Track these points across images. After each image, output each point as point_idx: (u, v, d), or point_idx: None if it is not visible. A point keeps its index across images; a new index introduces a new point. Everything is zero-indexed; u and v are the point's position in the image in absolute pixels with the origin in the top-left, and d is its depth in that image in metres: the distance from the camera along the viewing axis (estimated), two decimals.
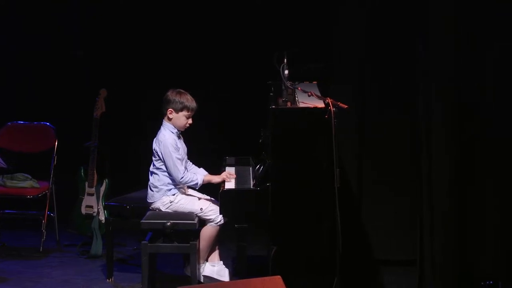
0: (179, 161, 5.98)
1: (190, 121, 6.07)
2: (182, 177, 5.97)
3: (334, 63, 6.58)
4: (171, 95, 6.04)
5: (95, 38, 8.06)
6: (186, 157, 6.17)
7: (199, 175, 6.06)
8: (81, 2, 8.09)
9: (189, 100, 6.03)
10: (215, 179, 6.06)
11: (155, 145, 6.05)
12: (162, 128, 6.08)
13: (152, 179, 6.07)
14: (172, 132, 6.04)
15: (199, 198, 6.08)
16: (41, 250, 7.08)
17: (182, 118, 6.04)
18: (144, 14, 7.97)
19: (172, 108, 6.02)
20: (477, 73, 5.87)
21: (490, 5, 5.80)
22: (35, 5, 8.06)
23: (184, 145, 6.15)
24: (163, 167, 6.00)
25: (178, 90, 6.07)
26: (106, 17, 8.01)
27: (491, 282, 5.81)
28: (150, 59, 7.99)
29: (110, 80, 7.72)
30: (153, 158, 6.07)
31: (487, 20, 5.81)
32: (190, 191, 6.16)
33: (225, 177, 6.03)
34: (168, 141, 5.98)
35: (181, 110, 6.02)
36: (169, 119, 6.04)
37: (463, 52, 5.88)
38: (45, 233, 7.13)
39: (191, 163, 6.25)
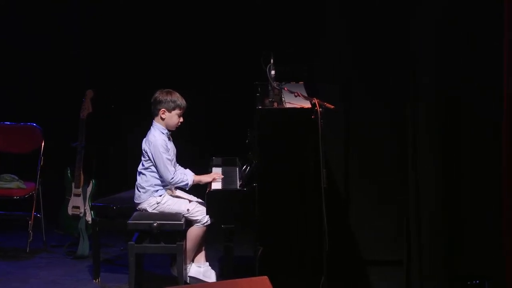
0: (169, 161, 5.97)
1: (181, 119, 6.07)
2: (173, 178, 5.96)
3: (321, 63, 6.57)
4: (161, 95, 6.03)
5: (90, 38, 8.03)
6: (175, 158, 6.15)
7: (189, 175, 6.06)
8: (81, 2, 8.07)
9: (180, 99, 6.04)
10: (205, 178, 6.06)
11: (144, 146, 6.04)
12: (152, 128, 6.07)
13: (140, 180, 6.06)
14: (162, 133, 6.03)
15: (186, 199, 6.07)
16: (28, 250, 7.06)
17: (174, 117, 6.03)
18: (130, 16, 7.96)
19: (164, 108, 6.01)
20: (477, 73, 5.88)
21: (490, 5, 5.80)
22: (35, 5, 8.03)
23: (173, 146, 6.14)
24: (152, 167, 5.99)
25: (167, 89, 6.07)
26: (101, 18, 8.00)
27: (477, 281, 5.82)
28: (138, 60, 7.96)
29: (97, 80, 7.69)
30: (143, 158, 6.06)
31: (487, 20, 5.81)
32: (178, 192, 6.15)
33: (215, 176, 6.03)
34: (158, 142, 5.97)
35: (174, 109, 6.02)
36: (162, 119, 6.03)
37: (463, 52, 5.88)
38: (32, 233, 7.11)
39: (178, 165, 6.24)
